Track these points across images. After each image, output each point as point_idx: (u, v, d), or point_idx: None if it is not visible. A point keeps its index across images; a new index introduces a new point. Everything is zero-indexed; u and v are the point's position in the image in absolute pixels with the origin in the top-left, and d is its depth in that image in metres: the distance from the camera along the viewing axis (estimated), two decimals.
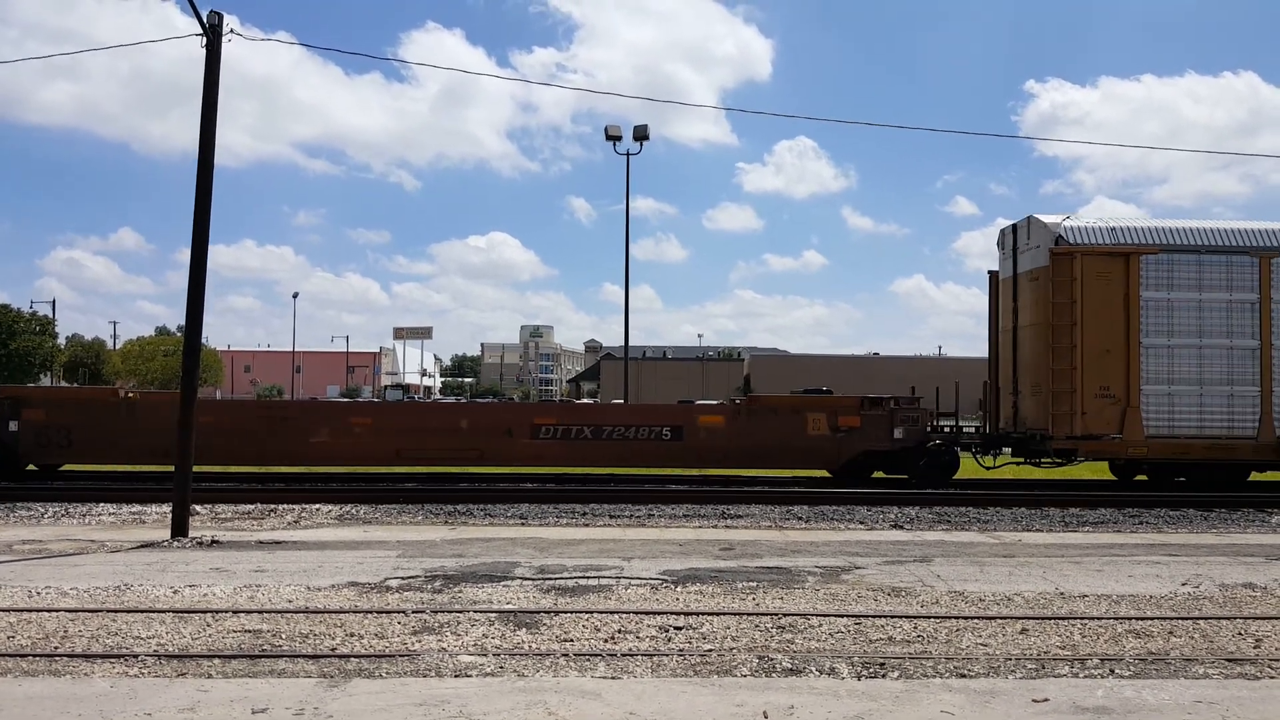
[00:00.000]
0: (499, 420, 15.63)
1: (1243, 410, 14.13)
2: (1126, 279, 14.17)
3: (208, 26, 10.27)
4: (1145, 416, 14.06)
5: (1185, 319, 14.26)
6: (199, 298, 10.37)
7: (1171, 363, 14.20)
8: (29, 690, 4.87)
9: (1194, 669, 5.47)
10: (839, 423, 14.87)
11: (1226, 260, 14.25)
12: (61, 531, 10.30)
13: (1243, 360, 14.20)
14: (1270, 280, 14.22)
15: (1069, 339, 14.15)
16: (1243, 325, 14.23)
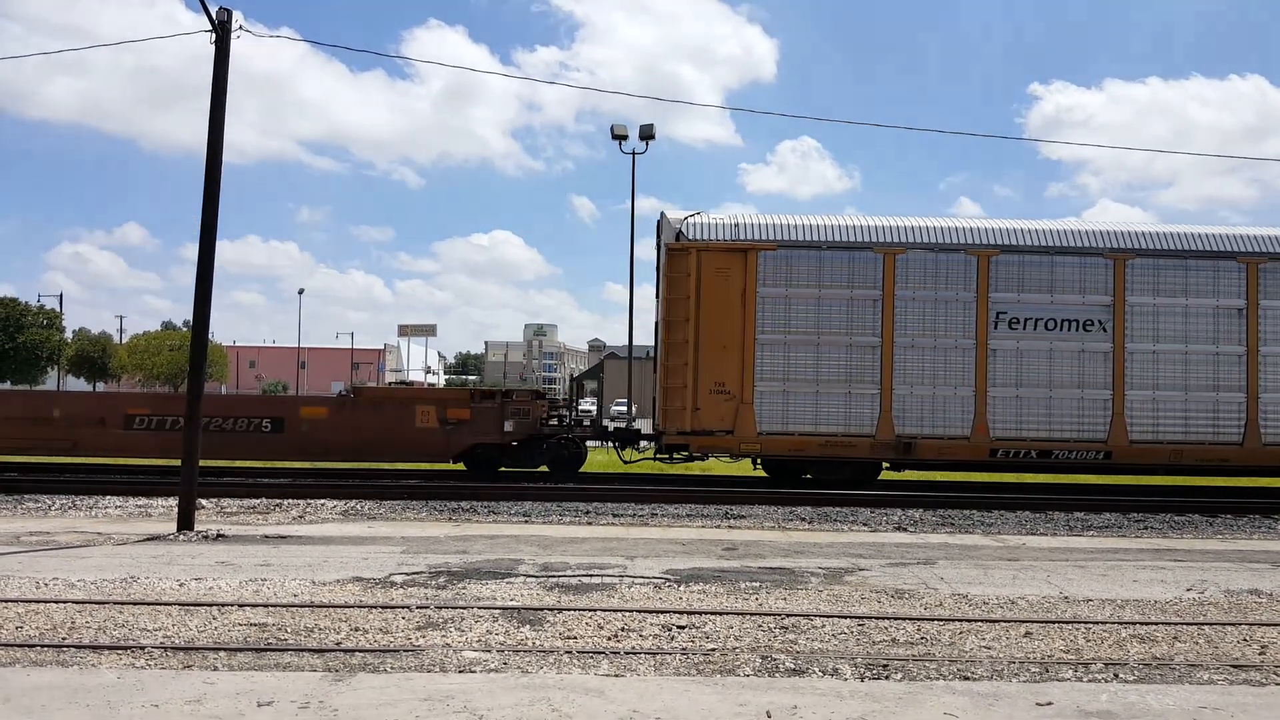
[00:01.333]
0: (91, 410, 15.04)
1: (861, 409, 14.02)
2: (745, 275, 14.06)
3: (217, 23, 10.31)
4: (759, 413, 13.94)
5: (803, 316, 14.12)
6: (206, 294, 10.40)
7: (789, 360, 14.07)
8: (37, 680, 4.90)
9: (1198, 674, 5.47)
10: (448, 415, 14.63)
11: (849, 256, 14.12)
12: (68, 524, 10.35)
13: (862, 358, 14.07)
14: (894, 276, 14.11)
15: (682, 334, 14.03)
16: (864, 322, 14.12)
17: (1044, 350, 14.13)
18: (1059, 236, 14.37)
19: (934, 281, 14.18)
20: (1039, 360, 14.13)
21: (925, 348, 14.09)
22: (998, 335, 14.12)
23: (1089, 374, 14.14)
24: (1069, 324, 14.16)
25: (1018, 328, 14.14)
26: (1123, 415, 14.01)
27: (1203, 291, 14.19)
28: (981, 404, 14.03)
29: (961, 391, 14.07)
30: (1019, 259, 14.22)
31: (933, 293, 14.15)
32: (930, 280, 14.18)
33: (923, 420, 14.03)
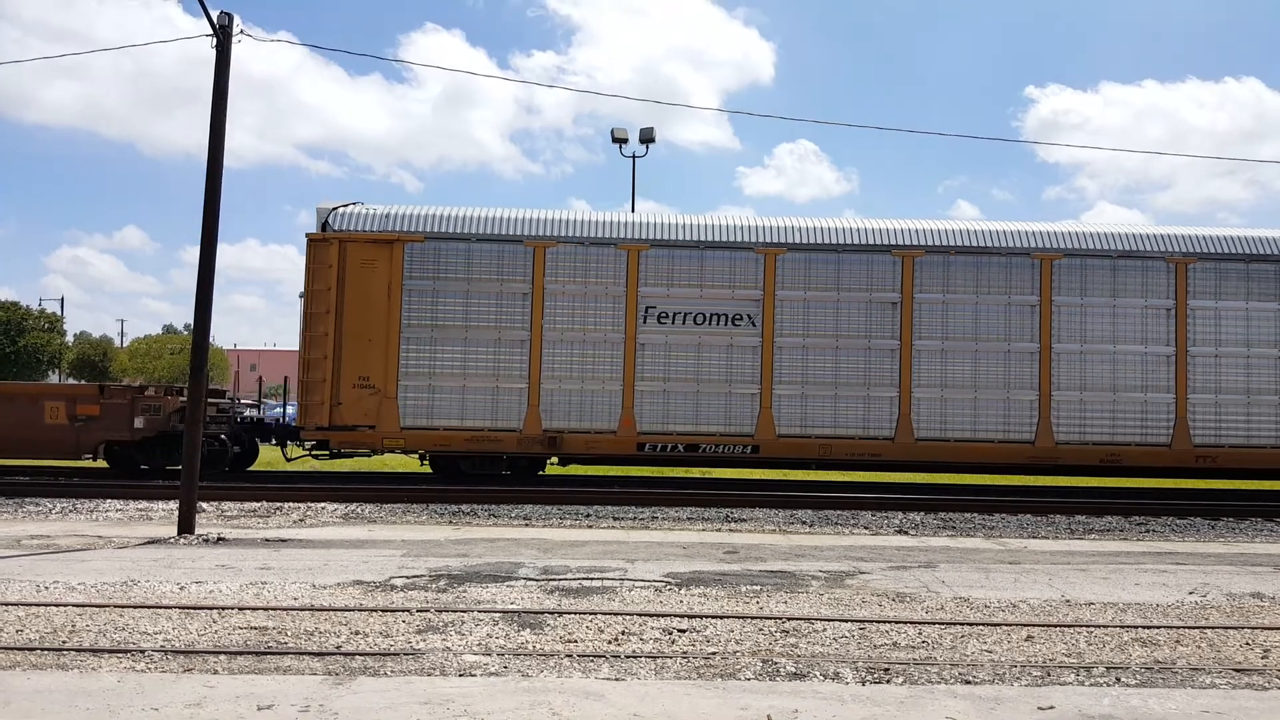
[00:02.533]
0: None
1: (509, 403, 13.85)
2: (391, 267, 13.90)
3: (218, 27, 10.33)
4: (403, 408, 13.77)
5: (452, 309, 13.95)
6: (207, 299, 10.41)
7: (435, 354, 13.91)
8: (37, 684, 4.90)
9: (1201, 678, 5.45)
10: (78, 411, 14.13)
11: (499, 249, 14.01)
12: (69, 527, 10.35)
13: (512, 353, 13.93)
14: (544, 269, 13.93)
15: (323, 327, 13.82)
16: (514, 316, 13.97)
17: (692, 344, 14.03)
18: (709, 231, 14.28)
19: (584, 275, 14.03)
20: (688, 355, 14.03)
21: (574, 342, 13.97)
22: (646, 329, 14.01)
23: (737, 368, 14.05)
24: (718, 318, 14.08)
25: (666, 322, 14.04)
26: (771, 409, 13.91)
27: (856, 285, 14.12)
28: (629, 398, 13.92)
29: (610, 386, 13.95)
30: (669, 253, 14.11)
31: (582, 286, 14.01)
32: (580, 274, 14.02)
33: (570, 414, 13.89)
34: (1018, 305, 14.24)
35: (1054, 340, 14.15)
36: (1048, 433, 14.02)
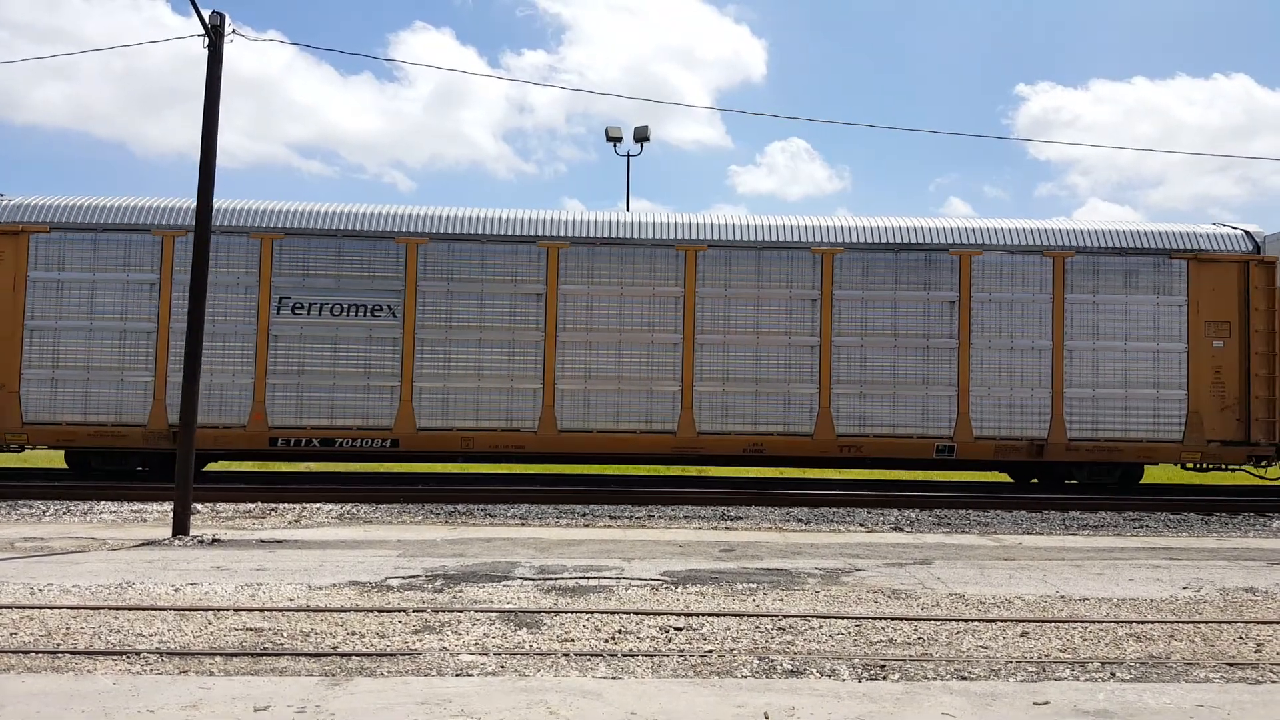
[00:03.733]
0: None
1: (134, 396, 13.68)
2: (17, 260, 13.70)
3: (210, 27, 10.29)
4: (25, 403, 13.54)
5: (76, 301, 13.73)
6: (200, 296, 10.38)
7: (59, 347, 13.61)
8: (32, 686, 4.88)
9: (1195, 673, 5.48)
10: None
11: (126, 239, 13.80)
12: (63, 529, 10.31)
13: (137, 344, 13.70)
14: (172, 260, 13.74)
15: None
16: (140, 307, 13.77)
17: (329, 337, 13.88)
18: (342, 219, 14.13)
19: (223, 265, 13.79)
20: (323, 347, 13.88)
21: (206, 334, 13.52)
22: (280, 321, 13.84)
23: (377, 360, 13.90)
24: (358, 309, 13.92)
25: (301, 313, 13.87)
26: (411, 403, 13.80)
27: (501, 275, 14.08)
28: (260, 391, 13.77)
29: (240, 379, 13.78)
30: (305, 243, 13.94)
31: (212, 277, 13.55)
32: (221, 264, 13.76)
33: (200, 408, 13.43)
34: (662, 297, 14.14)
35: (697, 331, 14.10)
36: (690, 424, 13.98)
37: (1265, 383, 14.23)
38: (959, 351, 14.17)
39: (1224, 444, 14.18)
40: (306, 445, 13.79)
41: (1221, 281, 14.32)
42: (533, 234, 14.17)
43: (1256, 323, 14.22)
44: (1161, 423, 14.18)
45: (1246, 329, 14.25)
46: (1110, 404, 14.18)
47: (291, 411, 13.79)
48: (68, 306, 13.72)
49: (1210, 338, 14.26)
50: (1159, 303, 14.30)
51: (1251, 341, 14.20)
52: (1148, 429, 14.16)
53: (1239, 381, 14.22)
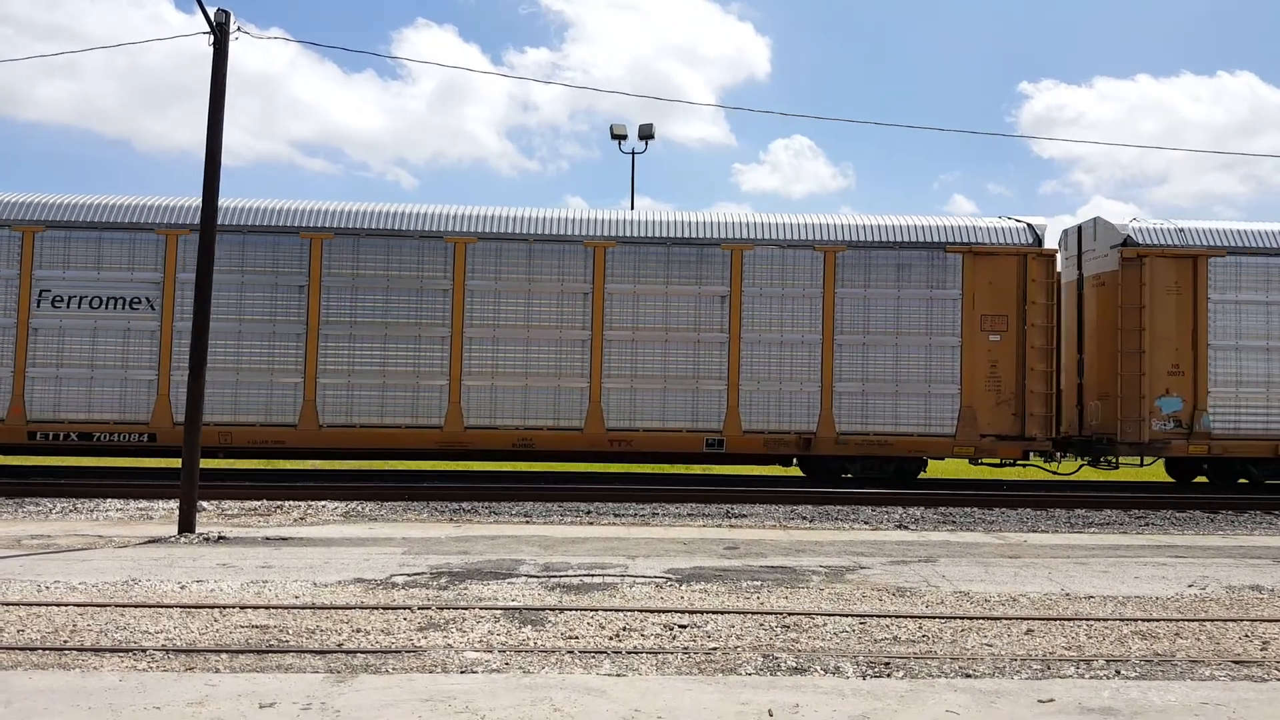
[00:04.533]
0: None
1: None
2: None
3: (215, 25, 10.31)
4: None
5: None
6: (205, 295, 10.40)
7: None
8: (39, 683, 4.90)
9: (1200, 670, 5.47)
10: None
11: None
12: (69, 527, 10.35)
13: None
14: None
15: None
16: None
17: (88, 329, 13.79)
18: (102, 211, 14.03)
19: None
20: (82, 339, 13.79)
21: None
22: (40, 313, 13.77)
23: (135, 354, 13.82)
24: (115, 301, 13.83)
25: (61, 305, 13.79)
26: (168, 397, 13.73)
27: (263, 267, 13.99)
28: (19, 385, 13.69)
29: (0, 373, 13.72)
30: (65, 235, 13.85)
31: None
32: None
33: None
34: (431, 290, 14.05)
35: (466, 325, 14.04)
36: (458, 418, 13.90)
37: (1041, 377, 14.12)
38: (730, 346, 14.10)
39: (999, 438, 14.08)
40: (65, 439, 13.77)
41: (999, 275, 14.19)
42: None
43: (1033, 316, 14.08)
44: (934, 416, 14.07)
45: (1024, 322, 14.12)
46: (881, 398, 14.08)
47: (50, 405, 13.76)
48: None
49: (987, 331, 14.14)
50: (932, 296, 14.18)
51: (1027, 335, 14.05)
52: (919, 423, 14.05)
53: (1016, 375, 14.08)
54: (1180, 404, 14.15)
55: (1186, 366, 14.16)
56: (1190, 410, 14.11)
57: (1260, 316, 14.34)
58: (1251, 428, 14.21)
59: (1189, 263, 14.29)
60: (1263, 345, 14.29)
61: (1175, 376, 14.16)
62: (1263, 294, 14.37)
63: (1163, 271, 14.24)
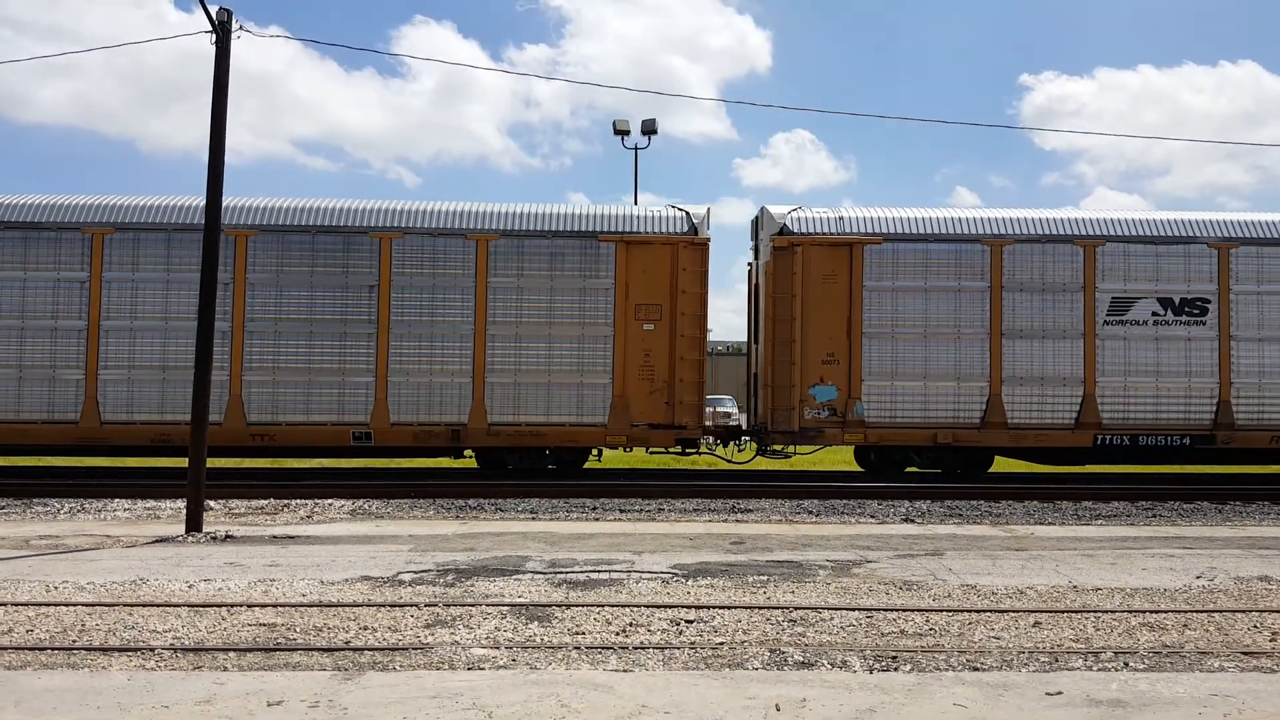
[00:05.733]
0: None
1: None
2: None
3: (217, 24, 10.31)
4: None
5: None
6: (210, 294, 10.42)
7: None
8: (48, 683, 4.92)
9: (1209, 662, 5.45)
10: None
11: None
12: (77, 527, 10.39)
13: None
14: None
15: None
16: None
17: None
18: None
19: None
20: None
21: None
22: None
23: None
24: None
25: None
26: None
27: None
28: None
29: None
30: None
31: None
32: None
33: None
34: (60, 283, 13.66)
35: (103, 319, 13.72)
36: (93, 413, 13.63)
37: (693, 366, 13.88)
38: (378, 336, 13.78)
39: (651, 427, 13.87)
40: None
41: (653, 264, 13.92)
42: None
43: (684, 305, 13.86)
44: (586, 406, 13.86)
45: (677, 312, 13.84)
46: (534, 388, 13.84)
47: None
48: None
49: (641, 321, 13.93)
50: (586, 286, 13.94)
51: (679, 324, 13.85)
52: (572, 413, 13.85)
53: (669, 364, 13.88)
54: (835, 392, 13.96)
55: (842, 355, 13.95)
56: (845, 399, 13.93)
57: (918, 303, 14.02)
58: (909, 416, 13.98)
59: (845, 251, 14.03)
60: (919, 332, 13.98)
61: (830, 365, 13.97)
62: (921, 280, 14.03)
63: (819, 260, 13.98)
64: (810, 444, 14.23)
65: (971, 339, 14.06)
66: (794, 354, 13.95)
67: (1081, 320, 14.07)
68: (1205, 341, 14.13)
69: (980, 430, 14.00)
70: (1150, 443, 14.10)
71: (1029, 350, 14.06)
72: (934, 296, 14.08)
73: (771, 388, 14.05)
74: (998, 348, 14.04)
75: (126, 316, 13.85)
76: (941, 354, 14.04)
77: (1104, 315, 14.09)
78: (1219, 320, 14.13)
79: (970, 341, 14.05)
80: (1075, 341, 14.06)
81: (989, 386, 14.01)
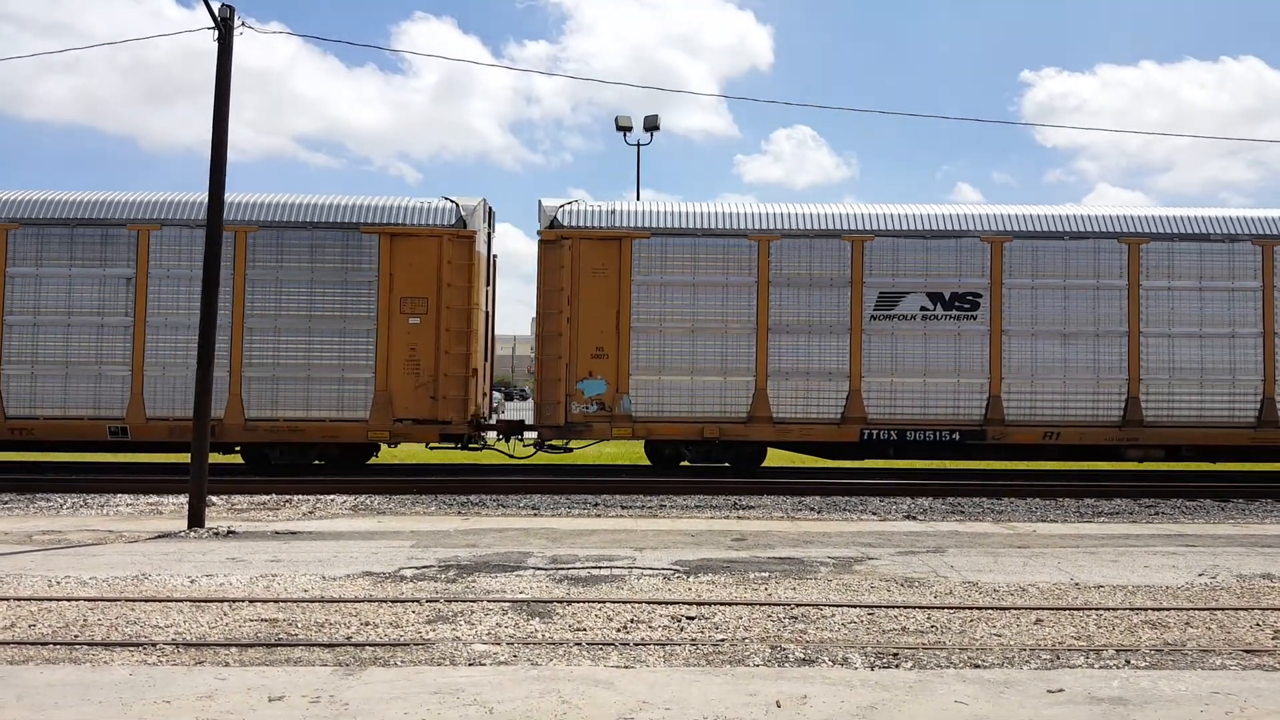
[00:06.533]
0: None
1: None
2: None
3: (220, 20, 10.30)
4: None
5: None
6: (212, 292, 10.43)
7: None
8: (50, 678, 4.94)
9: (1211, 660, 5.44)
10: None
11: None
12: (80, 522, 10.41)
13: None
14: None
15: None
16: None
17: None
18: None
19: None
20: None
21: None
22: None
23: None
24: None
25: None
26: None
27: None
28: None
29: None
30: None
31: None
32: None
33: None
34: None
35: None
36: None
37: (458, 360, 13.73)
38: (134, 330, 13.66)
39: (416, 422, 13.70)
40: None
41: (419, 257, 13.74)
42: None
43: (449, 299, 13.71)
44: (348, 401, 13.67)
45: (442, 305, 13.70)
46: (293, 383, 13.66)
47: None
48: None
49: (406, 314, 13.72)
50: (348, 279, 13.71)
51: (443, 318, 13.71)
52: (332, 408, 13.71)
53: (435, 359, 13.70)
54: (604, 386, 13.78)
55: (611, 349, 13.78)
56: (613, 393, 13.75)
57: (686, 298, 13.83)
58: (676, 410, 13.78)
59: (615, 244, 13.84)
60: (687, 327, 13.82)
61: (600, 359, 13.79)
62: (689, 275, 13.86)
63: (589, 253, 13.78)
64: (579, 438, 13.97)
65: (739, 334, 13.87)
66: (562, 348, 13.73)
67: (848, 315, 13.89)
68: (976, 336, 13.88)
69: (746, 425, 13.82)
70: (918, 437, 13.88)
71: (795, 345, 13.88)
72: (701, 291, 13.90)
73: (540, 381, 13.89)
74: (764, 342, 13.86)
75: None
76: (709, 349, 13.87)
77: (871, 310, 13.89)
78: (990, 315, 13.87)
79: (737, 336, 13.87)
80: (842, 336, 13.88)
81: (755, 381, 13.83)
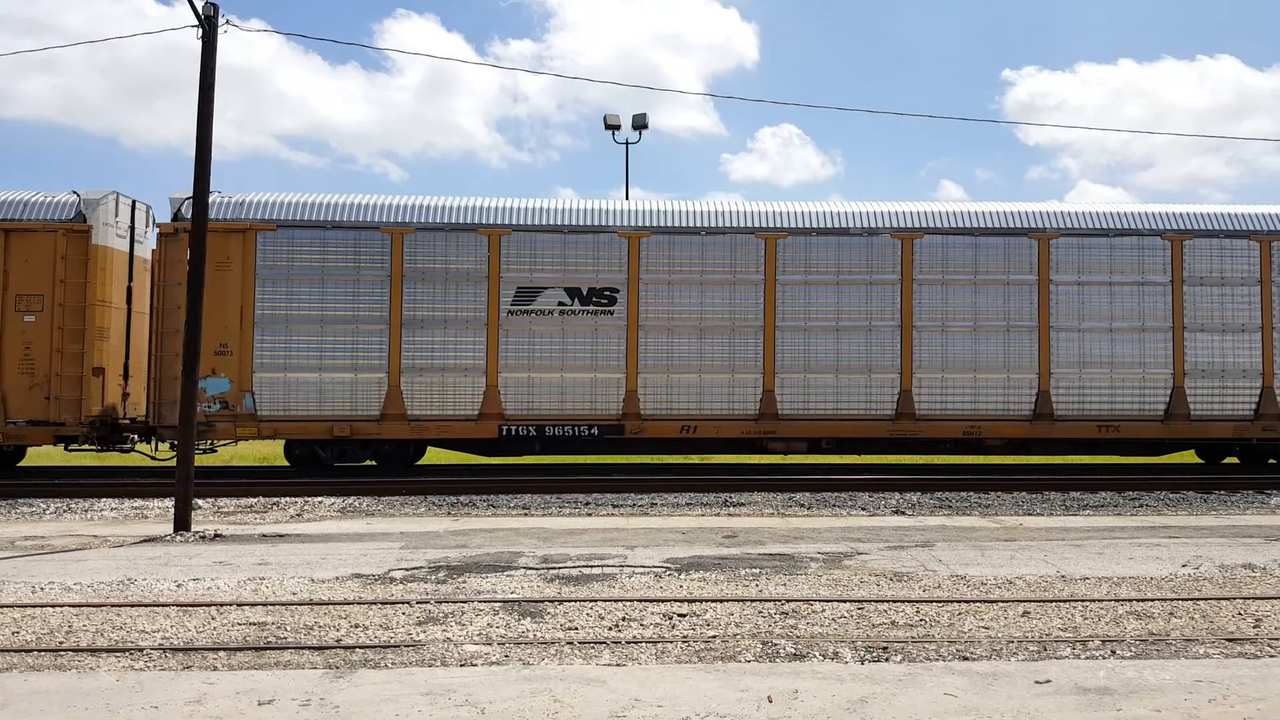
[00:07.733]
0: None
1: None
2: None
3: (203, 18, 10.22)
4: None
5: None
6: (199, 290, 10.35)
7: None
8: (35, 685, 4.89)
9: (1194, 649, 5.50)
10: None
11: None
12: (64, 527, 10.32)
13: None
14: None
15: None
16: None
17: None
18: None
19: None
20: None
21: None
22: None
23: None
24: None
25: None
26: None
27: None
28: None
29: None
30: None
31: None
32: None
33: None
34: None
35: None
36: None
37: (72, 359, 13.45)
38: None
39: (31, 424, 13.44)
40: None
41: (35, 252, 13.44)
42: None
43: (63, 296, 13.43)
44: None
45: (56, 303, 13.42)
46: None
47: None
48: None
49: (22, 312, 13.45)
50: None
51: (58, 316, 13.42)
52: None
53: (49, 358, 13.47)
54: (228, 384, 13.53)
55: (235, 346, 13.51)
56: (237, 391, 13.52)
57: (314, 291, 13.62)
58: (305, 409, 13.58)
59: (239, 237, 13.56)
60: (316, 322, 13.59)
61: (224, 356, 13.52)
62: (318, 268, 13.66)
63: (214, 246, 12.91)
64: (201, 439, 13.44)
65: (370, 329, 13.64)
66: (180, 345, 12.86)
67: (485, 310, 13.75)
68: (614, 331, 13.83)
69: (380, 423, 13.62)
70: (557, 433, 13.77)
71: (430, 340, 13.68)
72: (331, 285, 13.66)
73: (158, 380, 13.49)
74: (397, 338, 13.63)
75: None
76: (339, 344, 13.64)
77: (508, 305, 13.77)
78: (628, 310, 13.84)
79: (369, 332, 13.64)
80: (478, 332, 13.72)
81: (388, 378, 13.63)
